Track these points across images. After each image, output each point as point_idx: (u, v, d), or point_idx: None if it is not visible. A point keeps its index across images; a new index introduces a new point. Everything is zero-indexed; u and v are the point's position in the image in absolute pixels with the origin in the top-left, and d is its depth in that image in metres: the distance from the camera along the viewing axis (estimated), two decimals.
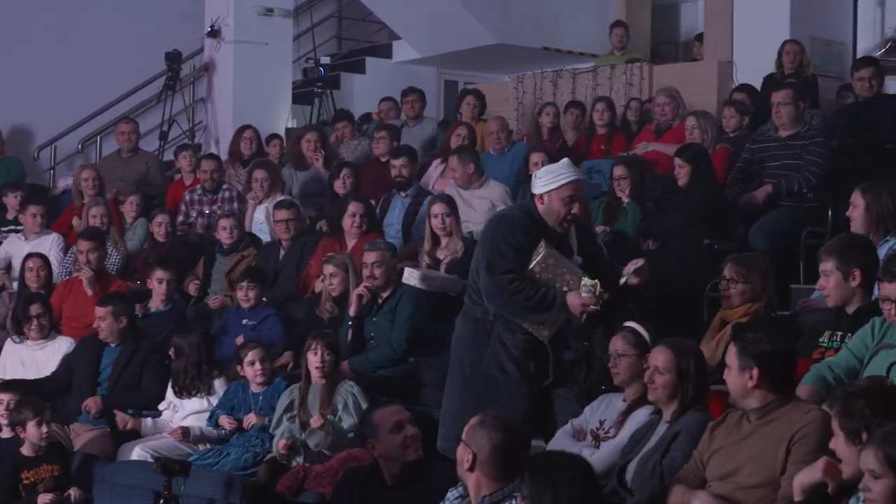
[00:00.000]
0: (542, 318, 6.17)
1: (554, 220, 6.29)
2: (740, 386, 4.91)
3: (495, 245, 6.27)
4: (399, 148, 10.54)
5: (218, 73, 14.19)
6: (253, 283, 8.84)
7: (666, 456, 5.26)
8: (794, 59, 11.12)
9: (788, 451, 4.69)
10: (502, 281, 6.16)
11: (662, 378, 5.45)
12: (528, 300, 6.12)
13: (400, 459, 5.67)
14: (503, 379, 6.29)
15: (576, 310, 6.12)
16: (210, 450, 7.44)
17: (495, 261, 6.22)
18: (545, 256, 6.17)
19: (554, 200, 6.26)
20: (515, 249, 6.20)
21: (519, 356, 6.28)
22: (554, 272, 6.19)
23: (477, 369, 6.35)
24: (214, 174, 11.16)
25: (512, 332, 6.28)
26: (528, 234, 6.23)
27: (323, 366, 7.11)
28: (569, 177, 6.28)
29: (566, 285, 6.16)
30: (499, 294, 6.20)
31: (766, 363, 4.86)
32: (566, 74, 13.04)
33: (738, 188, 9.00)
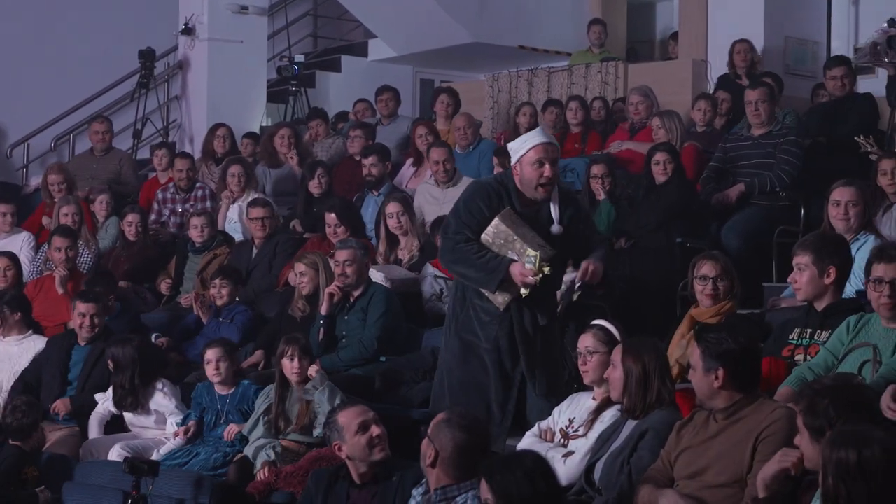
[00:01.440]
0: (486, 281, 6.31)
1: (529, 185, 6.38)
2: (706, 387, 4.91)
3: (456, 209, 6.52)
4: (370, 147, 10.52)
5: (192, 71, 14.15)
6: (226, 280, 8.81)
7: (634, 455, 5.26)
8: (745, 58, 11.23)
9: (755, 449, 4.69)
10: (451, 241, 6.39)
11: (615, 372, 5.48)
12: (474, 260, 6.30)
13: (367, 460, 5.64)
14: (475, 343, 6.44)
15: (516, 278, 6.24)
16: (179, 449, 7.38)
17: (452, 223, 6.48)
18: (497, 223, 6.29)
19: (525, 166, 6.38)
20: (474, 214, 6.38)
21: (489, 322, 6.40)
22: (506, 239, 6.29)
23: (454, 331, 6.53)
24: (188, 172, 11.12)
25: (481, 297, 6.43)
26: (490, 202, 6.38)
27: (301, 372, 7.06)
28: (535, 140, 6.40)
29: (517, 254, 6.24)
30: (448, 252, 6.45)
31: (730, 363, 4.85)
32: (541, 73, 13.04)
33: (710, 187, 9.02)
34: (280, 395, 7.12)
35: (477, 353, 6.41)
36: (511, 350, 6.38)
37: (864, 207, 6.79)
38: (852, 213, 6.74)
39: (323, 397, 6.89)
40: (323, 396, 6.90)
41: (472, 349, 6.44)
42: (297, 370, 7.05)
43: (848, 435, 3.86)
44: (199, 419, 7.56)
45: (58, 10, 14.52)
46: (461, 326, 6.49)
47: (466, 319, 6.46)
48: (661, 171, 8.72)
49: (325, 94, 15.32)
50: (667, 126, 9.58)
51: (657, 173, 8.74)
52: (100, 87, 14.41)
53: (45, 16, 14.39)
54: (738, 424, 4.82)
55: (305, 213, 10.25)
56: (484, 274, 6.29)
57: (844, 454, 3.79)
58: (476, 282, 6.36)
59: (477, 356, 6.41)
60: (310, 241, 9.61)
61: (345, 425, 5.67)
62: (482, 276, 6.30)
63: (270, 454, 6.89)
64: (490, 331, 6.39)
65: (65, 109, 14.23)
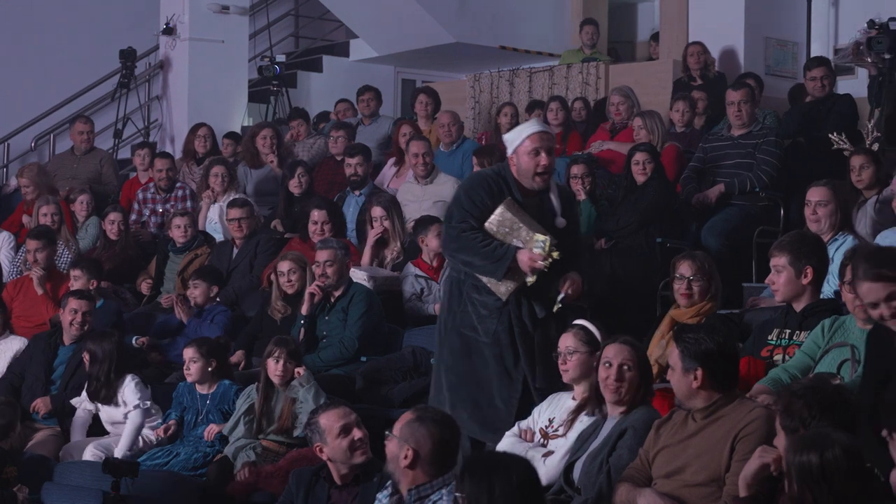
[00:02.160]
0: (493, 269, 6.25)
1: (526, 175, 6.37)
2: (685, 387, 4.93)
3: (458, 198, 6.49)
4: (354, 146, 10.52)
5: (173, 71, 14.13)
6: (198, 280, 8.82)
7: (613, 454, 5.27)
8: (698, 60, 11.29)
9: (733, 448, 4.72)
10: (456, 229, 6.34)
11: (631, 374, 5.44)
12: (478, 250, 6.25)
13: (348, 462, 5.64)
14: (474, 338, 6.39)
15: (524, 265, 6.19)
16: (159, 449, 7.37)
17: (454, 212, 6.44)
18: (502, 212, 6.26)
19: (521, 156, 6.36)
20: (476, 204, 6.34)
21: (487, 315, 6.36)
22: (511, 227, 6.26)
23: (451, 326, 6.47)
24: (169, 172, 11.10)
25: (479, 291, 6.39)
26: (492, 192, 6.36)
27: (284, 374, 7.05)
28: (530, 129, 6.39)
29: (522, 243, 6.21)
30: (452, 240, 6.38)
31: (709, 363, 4.87)
32: (523, 73, 13.06)
33: (691, 187, 9.05)
34: (265, 395, 7.11)
35: (477, 348, 6.37)
36: (511, 344, 6.34)
37: (836, 207, 6.81)
38: (821, 214, 6.78)
39: (308, 396, 6.89)
40: (308, 395, 6.90)
41: (472, 344, 6.39)
42: (281, 372, 7.03)
43: (809, 438, 3.89)
44: (179, 419, 7.55)
45: (39, 9, 14.49)
46: (459, 322, 6.43)
47: (464, 315, 6.42)
48: (640, 172, 8.74)
49: (307, 93, 15.32)
50: (648, 126, 9.61)
51: (637, 174, 8.76)
52: (81, 87, 14.39)
53: (25, 15, 14.36)
54: (716, 424, 4.84)
55: (286, 213, 10.24)
56: (490, 262, 6.23)
57: (807, 458, 3.82)
58: (482, 270, 6.29)
59: (477, 351, 6.37)
60: (291, 241, 9.60)
61: (326, 427, 5.65)
62: (488, 263, 6.24)
63: (251, 454, 6.88)
64: (489, 325, 6.35)
65: (45, 109, 14.20)
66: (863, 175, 7.75)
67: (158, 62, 14.38)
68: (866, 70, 9.99)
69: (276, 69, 13.71)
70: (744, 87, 9.31)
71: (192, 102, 13.87)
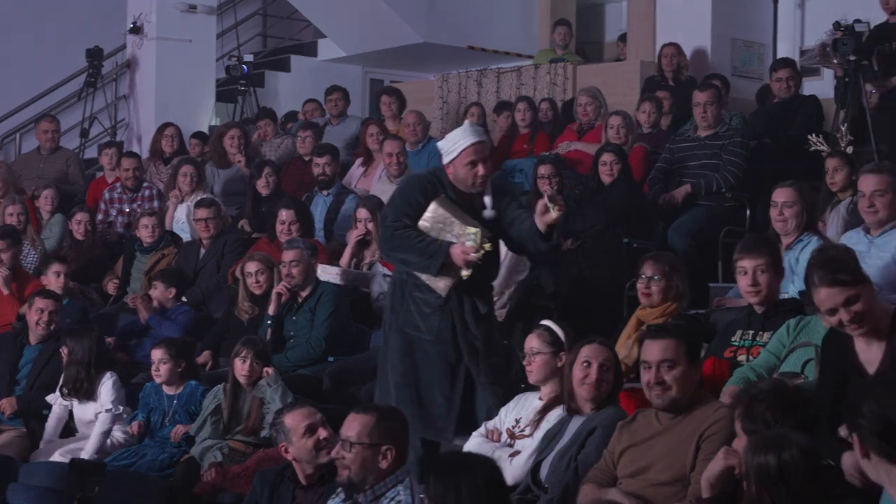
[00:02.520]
0: (427, 264, 6.28)
1: (463, 183, 6.39)
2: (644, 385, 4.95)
3: (392, 199, 6.56)
4: (323, 146, 10.52)
5: (140, 71, 14.10)
6: (159, 282, 8.80)
7: (581, 452, 5.30)
8: (671, 61, 11.34)
9: (698, 447, 4.74)
10: (389, 229, 6.40)
11: (609, 374, 5.50)
12: (412, 247, 6.28)
13: (313, 462, 5.64)
14: (417, 336, 6.42)
15: (457, 259, 6.21)
16: (126, 450, 7.35)
17: (389, 212, 6.51)
18: (435, 208, 6.30)
19: (458, 168, 6.37)
20: (411, 204, 6.38)
21: (430, 314, 6.39)
22: (444, 223, 6.29)
23: (395, 326, 6.49)
24: (135, 172, 11.07)
25: (420, 289, 6.41)
26: (426, 192, 6.39)
27: (251, 375, 7.05)
28: (466, 142, 6.35)
29: (455, 237, 6.25)
30: (387, 240, 6.44)
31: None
32: (491, 74, 13.08)
33: (657, 187, 9.09)
34: (233, 395, 7.10)
35: (420, 347, 6.40)
36: (454, 341, 6.38)
37: (802, 208, 6.83)
38: (788, 214, 6.80)
39: (276, 396, 6.89)
40: (276, 395, 6.89)
41: (416, 343, 6.42)
42: (247, 373, 7.03)
43: (766, 440, 3.92)
44: (146, 419, 7.53)
45: (4, 8, 14.42)
46: (402, 321, 6.46)
47: (407, 314, 6.44)
48: (607, 173, 8.76)
49: (274, 93, 15.30)
50: (628, 125, 9.62)
51: (604, 174, 8.79)
52: (47, 86, 14.34)
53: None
54: (682, 423, 4.87)
55: (254, 213, 10.23)
56: (424, 258, 6.27)
57: (764, 459, 3.85)
58: (417, 266, 6.34)
59: (420, 349, 6.40)
60: (258, 241, 9.59)
61: (291, 427, 5.66)
62: (423, 260, 6.28)
63: (217, 455, 6.87)
64: (432, 322, 6.38)
65: (11, 108, 14.13)
66: (836, 177, 7.80)
67: (125, 61, 14.33)
68: (832, 71, 10.05)
69: (244, 69, 13.68)
70: (710, 88, 9.37)
71: (159, 102, 13.84)
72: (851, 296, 4.61)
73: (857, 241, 6.48)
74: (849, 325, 4.65)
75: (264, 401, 6.97)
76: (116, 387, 7.69)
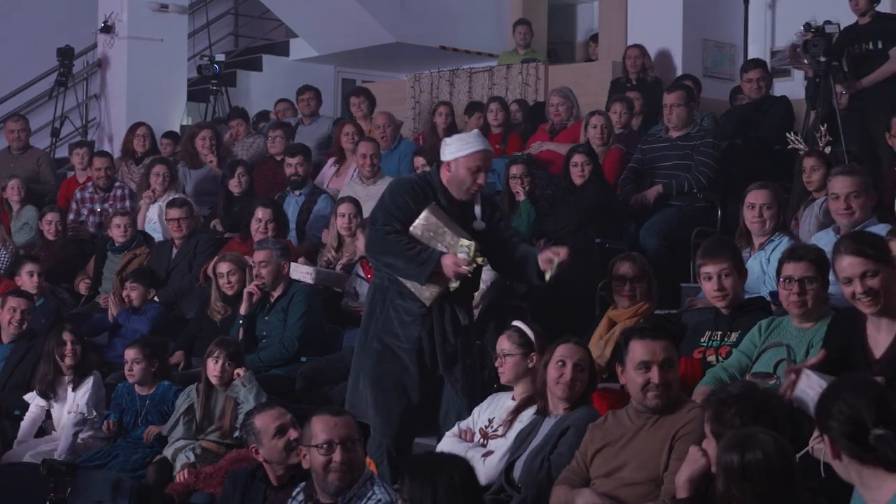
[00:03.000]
0: (416, 272, 6.23)
1: (458, 188, 6.35)
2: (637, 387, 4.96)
3: (383, 201, 6.44)
4: (295, 146, 10.52)
5: (111, 70, 14.04)
6: (136, 283, 8.80)
7: (554, 451, 5.31)
8: (634, 63, 11.38)
9: (672, 447, 4.75)
10: (380, 232, 6.31)
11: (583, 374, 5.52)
12: (402, 253, 6.22)
13: (284, 463, 5.63)
14: (395, 344, 6.37)
15: (448, 270, 6.17)
16: (98, 451, 7.33)
17: (378, 215, 6.41)
18: (427, 216, 6.24)
19: (461, 168, 6.33)
20: (401, 207, 6.31)
21: (410, 322, 6.35)
22: (435, 231, 6.24)
23: (373, 333, 6.45)
24: (107, 171, 11.04)
25: (403, 297, 6.37)
26: (416, 196, 6.33)
27: (223, 375, 7.04)
28: (478, 146, 6.35)
29: (446, 246, 6.21)
30: (376, 243, 6.36)
31: None
32: (463, 74, 13.10)
33: (629, 188, 9.12)
34: (206, 395, 7.10)
35: (398, 355, 6.37)
36: (432, 350, 6.38)
37: (778, 209, 6.89)
38: (767, 216, 6.84)
39: (249, 396, 6.88)
40: (250, 395, 6.89)
41: (393, 351, 6.38)
42: (219, 373, 7.02)
43: (734, 438, 3.96)
44: (118, 420, 7.51)
45: None
46: (381, 328, 6.42)
47: (386, 321, 6.41)
48: (578, 174, 8.78)
49: (246, 93, 15.27)
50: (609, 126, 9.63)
51: (575, 175, 8.80)
52: (17, 85, 14.27)
53: None
54: (655, 423, 4.88)
55: (226, 213, 10.21)
56: (414, 265, 6.20)
57: (730, 458, 3.88)
58: (405, 273, 6.28)
59: (398, 358, 6.36)
60: (231, 241, 9.58)
61: (262, 428, 5.65)
62: (412, 267, 6.21)
63: (190, 455, 6.86)
64: (412, 331, 6.34)
65: None
66: (813, 177, 7.83)
67: (96, 60, 14.27)
68: (803, 72, 10.10)
69: (216, 68, 13.65)
70: (679, 89, 9.38)
71: (130, 101, 13.78)
72: (871, 270, 4.70)
73: (828, 241, 6.50)
74: (862, 298, 4.73)
75: (238, 401, 6.96)
76: (96, 387, 7.69)
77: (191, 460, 6.84)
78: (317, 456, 4.94)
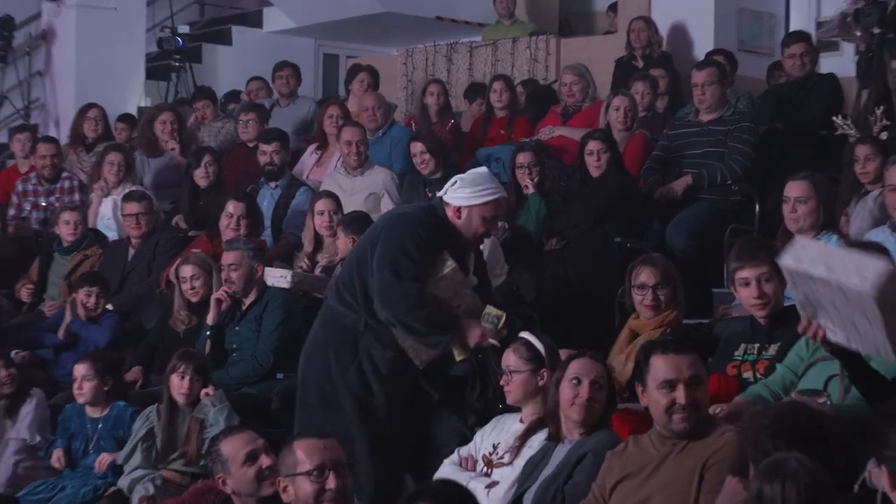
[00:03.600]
0: (436, 341, 6.28)
1: (469, 236, 6.47)
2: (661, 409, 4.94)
3: (402, 246, 6.34)
4: (270, 131, 10.49)
5: (58, 43, 14.06)
6: (94, 286, 8.80)
7: (569, 481, 5.31)
8: (638, 37, 11.38)
9: (702, 477, 4.75)
10: (411, 288, 6.25)
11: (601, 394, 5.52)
12: (430, 317, 6.24)
13: (255, 495, 5.61)
14: (367, 399, 6.37)
15: (472, 339, 6.26)
16: (42, 482, 7.32)
17: (403, 264, 6.29)
18: (454, 270, 6.30)
19: (475, 217, 6.44)
20: (422, 252, 6.31)
21: (388, 375, 6.36)
22: (458, 290, 6.31)
23: (342, 385, 6.40)
24: (53, 160, 11.03)
25: (382, 346, 6.35)
26: (434, 243, 6.36)
27: (190, 393, 7.04)
28: (494, 193, 6.47)
29: (466, 307, 6.29)
30: (403, 300, 6.27)
31: None
32: (462, 48, 13.10)
33: (653, 179, 9.11)
34: (169, 416, 7.08)
35: (373, 412, 6.35)
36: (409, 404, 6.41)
37: (817, 204, 6.86)
38: (801, 212, 6.83)
39: (220, 417, 6.88)
40: (220, 416, 6.88)
41: (367, 409, 6.36)
42: (186, 390, 7.01)
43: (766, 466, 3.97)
44: (66, 446, 7.50)
45: None
46: (352, 382, 6.37)
47: (357, 374, 6.38)
48: (594, 163, 8.77)
49: (214, 70, 15.29)
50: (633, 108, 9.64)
51: (591, 165, 8.80)
52: None
53: None
54: (682, 450, 4.88)
55: (190, 208, 10.21)
56: (438, 333, 6.27)
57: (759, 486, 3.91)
58: (424, 339, 6.29)
59: (373, 415, 6.34)
60: (196, 240, 9.56)
61: (229, 455, 5.62)
62: (435, 335, 6.27)
63: (149, 487, 6.85)
64: (390, 386, 6.36)
65: None
66: (868, 167, 7.81)
67: (41, 32, 14.29)
68: (853, 46, 10.10)
69: (179, 41, 13.68)
70: (710, 66, 9.35)
71: (80, 79, 13.81)
72: None
73: (884, 239, 6.52)
74: None
75: (206, 423, 6.95)
76: (40, 409, 7.69)
77: (150, 492, 6.83)
78: (305, 485, 4.93)
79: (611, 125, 9.53)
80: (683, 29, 11.85)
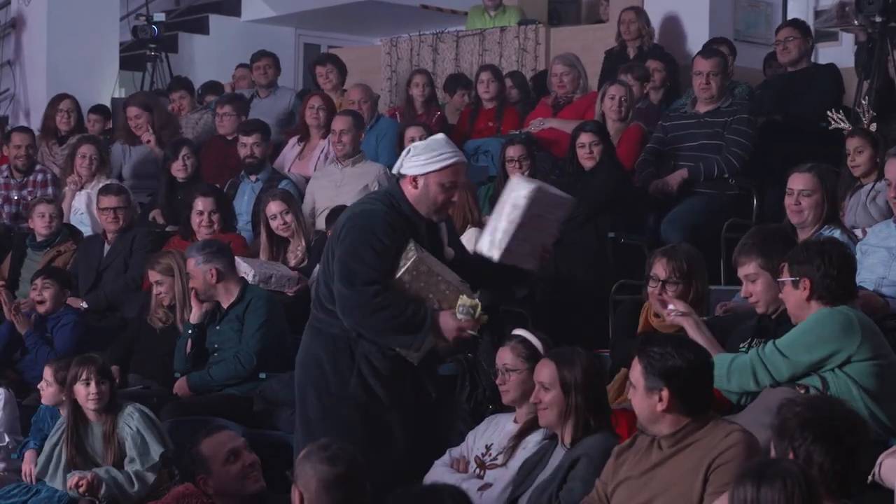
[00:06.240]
0: (409, 341, 6.07)
1: (428, 207, 6.19)
2: (648, 409, 4.90)
3: (354, 250, 6.10)
4: (250, 123, 10.49)
5: (28, 31, 14.02)
6: (49, 280, 8.75)
7: (563, 486, 5.30)
8: (628, 28, 11.38)
9: (706, 479, 4.74)
10: (364, 295, 6.03)
11: (549, 395, 5.48)
12: (393, 319, 6.02)
13: (239, 494, 5.60)
14: (373, 406, 6.18)
15: (449, 333, 6.05)
16: (15, 485, 7.27)
17: (355, 269, 6.07)
18: (416, 263, 6.05)
19: (431, 185, 6.14)
20: (379, 253, 6.05)
21: (389, 376, 6.18)
22: (427, 281, 6.08)
23: (342, 395, 6.19)
24: (27, 150, 10.98)
25: (379, 348, 6.16)
26: (394, 235, 6.09)
27: (99, 398, 6.87)
28: (452, 157, 6.16)
29: (440, 298, 6.08)
30: (358, 309, 6.07)
31: (676, 382, 4.84)
32: (448, 38, 13.09)
33: (648, 172, 9.12)
34: (74, 428, 6.93)
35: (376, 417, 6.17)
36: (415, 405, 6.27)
37: (822, 197, 6.86)
38: (806, 205, 6.82)
39: (131, 421, 6.78)
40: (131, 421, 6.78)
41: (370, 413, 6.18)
42: (96, 397, 6.84)
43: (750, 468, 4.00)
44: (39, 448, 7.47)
45: None
46: (353, 392, 6.16)
47: (359, 383, 6.17)
48: (586, 155, 8.76)
49: (190, 60, 15.28)
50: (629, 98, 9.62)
51: (583, 157, 8.78)
52: None
53: None
54: (686, 451, 4.85)
55: (168, 202, 10.19)
56: (408, 334, 6.05)
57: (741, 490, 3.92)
58: (396, 343, 6.11)
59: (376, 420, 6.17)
60: (171, 239, 9.51)
61: (210, 455, 5.60)
62: (405, 337, 6.06)
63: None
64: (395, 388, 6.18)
65: None
66: (858, 159, 7.84)
67: (10, 20, 14.24)
68: (852, 35, 10.12)
69: (154, 30, 13.63)
70: (715, 55, 9.34)
71: (51, 69, 13.77)
72: None
73: (888, 234, 6.53)
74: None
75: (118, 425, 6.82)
76: (9, 406, 7.65)
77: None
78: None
79: (605, 115, 9.52)
80: (677, 18, 11.83)
